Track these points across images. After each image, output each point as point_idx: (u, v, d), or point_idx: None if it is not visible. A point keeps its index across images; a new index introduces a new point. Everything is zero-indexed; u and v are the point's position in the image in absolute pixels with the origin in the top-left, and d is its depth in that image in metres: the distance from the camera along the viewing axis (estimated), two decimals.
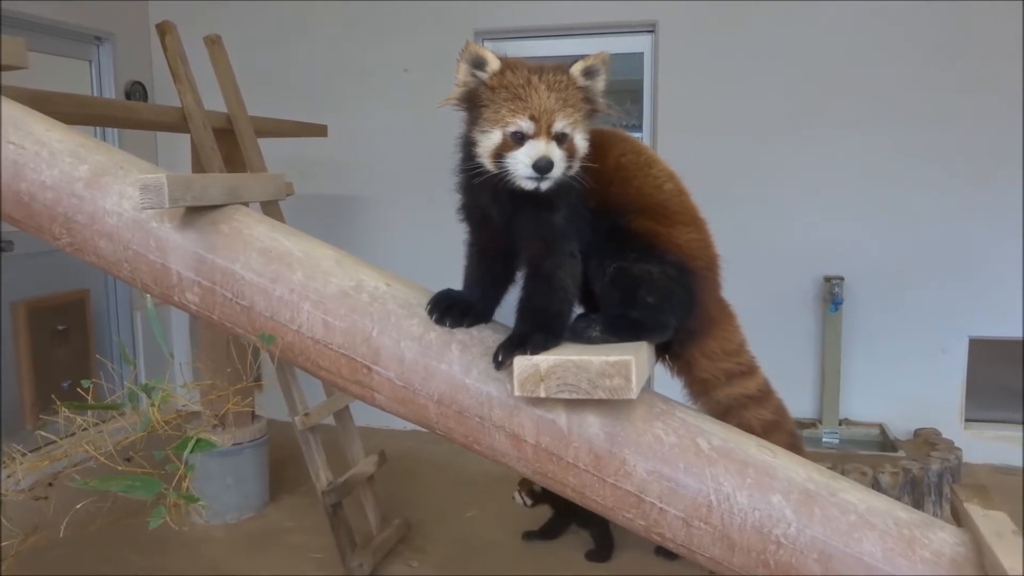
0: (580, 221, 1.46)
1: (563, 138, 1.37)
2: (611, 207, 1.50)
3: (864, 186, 4.91)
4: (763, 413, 1.62)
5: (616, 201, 1.50)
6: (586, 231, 1.47)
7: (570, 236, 1.44)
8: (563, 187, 1.40)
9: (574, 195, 1.43)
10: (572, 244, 1.44)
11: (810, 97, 4.94)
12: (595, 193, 1.47)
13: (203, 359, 3.85)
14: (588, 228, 1.47)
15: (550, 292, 1.44)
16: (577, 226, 1.45)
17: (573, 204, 1.44)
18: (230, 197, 1.70)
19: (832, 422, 4.82)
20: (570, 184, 1.41)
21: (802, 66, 4.93)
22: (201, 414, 3.54)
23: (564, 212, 1.43)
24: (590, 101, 1.43)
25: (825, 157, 4.95)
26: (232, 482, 4.12)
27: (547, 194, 1.39)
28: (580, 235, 1.46)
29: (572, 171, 1.39)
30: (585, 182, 1.43)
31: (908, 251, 4.88)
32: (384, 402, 1.55)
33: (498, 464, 1.51)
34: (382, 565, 3.63)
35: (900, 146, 4.83)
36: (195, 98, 3.73)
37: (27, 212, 1.69)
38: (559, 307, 1.45)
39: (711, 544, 1.37)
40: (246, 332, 1.59)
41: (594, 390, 1.33)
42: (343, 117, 5.19)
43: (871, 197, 4.90)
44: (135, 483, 1.36)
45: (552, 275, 1.44)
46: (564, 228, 1.44)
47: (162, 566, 3.65)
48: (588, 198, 1.46)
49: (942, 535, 1.33)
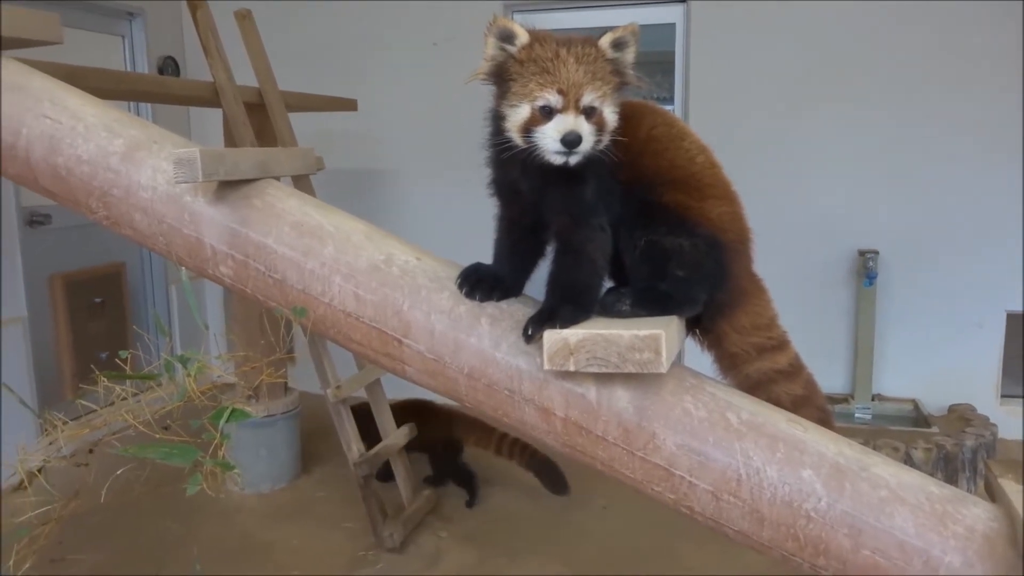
0: (609, 195, 1.45)
1: (592, 112, 1.36)
2: (642, 180, 1.48)
3: (899, 158, 4.82)
4: (793, 388, 1.61)
5: (647, 174, 1.49)
6: (615, 205, 1.46)
7: (599, 210, 1.44)
8: (592, 161, 1.39)
9: (603, 168, 1.42)
10: (601, 218, 1.44)
11: (844, 67, 4.84)
12: (626, 166, 1.45)
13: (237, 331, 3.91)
14: (618, 202, 1.46)
15: (579, 266, 1.44)
16: (606, 200, 1.44)
17: (602, 178, 1.43)
18: (262, 171, 1.72)
19: (865, 397, 4.77)
20: (599, 158, 1.40)
21: (835, 36, 4.83)
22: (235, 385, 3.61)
23: (593, 186, 1.42)
24: (619, 73, 1.41)
25: (859, 129, 4.86)
26: (265, 453, 4.19)
27: (576, 168, 1.38)
28: (609, 209, 1.45)
29: (601, 145, 1.38)
30: (615, 155, 1.41)
31: (944, 224, 4.79)
32: (414, 375, 1.56)
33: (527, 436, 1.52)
34: (412, 535, 3.69)
35: (936, 117, 4.72)
36: (226, 73, 3.75)
37: (64, 186, 1.71)
38: (588, 280, 1.45)
39: (740, 518, 1.37)
40: (279, 305, 1.61)
41: (624, 364, 1.33)
42: (373, 91, 5.19)
43: (906, 170, 4.81)
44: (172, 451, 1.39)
45: (582, 249, 1.44)
46: (593, 202, 1.43)
47: (198, 533, 3.74)
48: (618, 171, 1.45)
49: (975, 511, 1.32)
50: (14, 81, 1.76)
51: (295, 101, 4.19)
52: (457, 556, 3.56)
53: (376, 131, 5.48)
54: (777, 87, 4.95)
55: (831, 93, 4.88)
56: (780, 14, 4.88)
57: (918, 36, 4.70)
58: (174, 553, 3.53)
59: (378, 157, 5.61)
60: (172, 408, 1.48)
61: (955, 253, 4.79)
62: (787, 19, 4.88)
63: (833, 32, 4.83)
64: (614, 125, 1.40)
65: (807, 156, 4.97)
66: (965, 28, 4.62)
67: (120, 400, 1.57)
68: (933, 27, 4.67)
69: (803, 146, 4.97)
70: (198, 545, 3.61)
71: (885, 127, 4.81)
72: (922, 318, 4.89)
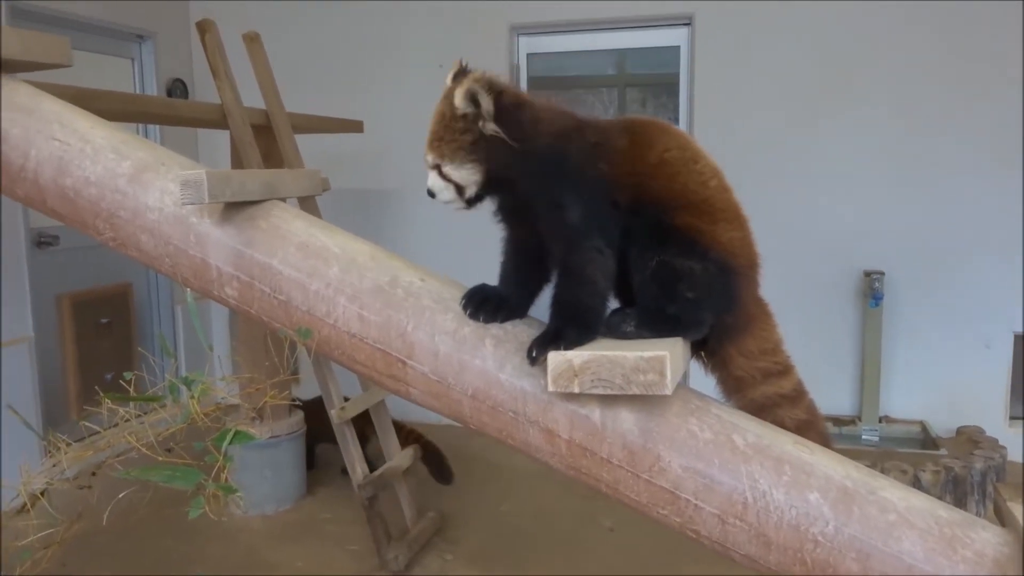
0: (602, 218, 1.44)
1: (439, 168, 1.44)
2: (654, 202, 1.48)
3: (905, 179, 4.82)
4: (797, 412, 1.60)
5: (658, 196, 1.48)
6: (611, 229, 1.45)
7: (592, 233, 1.43)
8: (573, 186, 1.41)
9: (592, 193, 1.42)
10: (595, 241, 1.43)
11: (848, 90, 4.86)
12: (633, 188, 1.46)
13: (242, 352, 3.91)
14: (614, 225, 1.45)
15: (580, 287, 1.44)
16: (599, 223, 1.44)
17: (592, 201, 1.43)
18: (268, 193, 1.72)
19: (872, 419, 4.74)
20: (582, 182, 1.41)
21: (839, 58, 4.85)
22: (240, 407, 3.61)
23: (577, 211, 1.42)
24: (471, 130, 1.41)
25: (864, 151, 4.87)
26: (270, 474, 4.18)
27: (554, 195, 1.41)
28: (604, 231, 1.44)
29: (473, 195, 1.45)
30: (612, 178, 1.43)
31: (950, 245, 4.78)
32: (418, 396, 1.56)
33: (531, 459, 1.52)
34: (417, 557, 3.66)
35: (942, 138, 4.73)
36: (234, 95, 3.78)
37: (72, 207, 1.72)
38: (590, 301, 1.45)
39: (747, 542, 1.36)
40: (284, 326, 1.61)
41: (628, 386, 1.32)
42: (378, 113, 5.22)
43: (912, 191, 4.81)
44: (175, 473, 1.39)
45: (580, 271, 1.43)
46: (582, 226, 1.42)
47: (201, 555, 3.72)
48: (621, 193, 1.45)
49: (985, 535, 1.31)
50: (24, 103, 1.78)
51: (301, 123, 4.22)
52: None
53: (382, 152, 5.51)
54: (781, 110, 4.97)
55: (835, 115, 4.89)
56: (784, 37, 4.91)
57: (921, 59, 4.72)
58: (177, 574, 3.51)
59: (384, 178, 5.64)
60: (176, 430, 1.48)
61: (962, 274, 4.77)
62: (791, 42, 4.91)
63: (837, 54, 4.85)
64: (464, 182, 1.44)
65: (812, 177, 4.97)
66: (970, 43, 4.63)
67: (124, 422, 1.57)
68: (935, 49, 4.69)
69: (808, 167, 4.97)
70: (201, 567, 3.59)
71: (890, 149, 4.82)
72: (929, 339, 4.87)
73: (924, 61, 4.72)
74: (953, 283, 4.79)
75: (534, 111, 1.44)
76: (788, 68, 4.94)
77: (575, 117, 1.49)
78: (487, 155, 1.42)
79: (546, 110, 1.47)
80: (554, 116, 1.46)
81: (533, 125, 1.42)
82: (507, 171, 1.43)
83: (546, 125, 1.44)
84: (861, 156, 4.88)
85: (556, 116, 1.46)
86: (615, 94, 5.65)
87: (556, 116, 1.46)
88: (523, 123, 1.41)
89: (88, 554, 3.50)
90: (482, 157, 1.42)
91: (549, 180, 1.42)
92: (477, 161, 1.43)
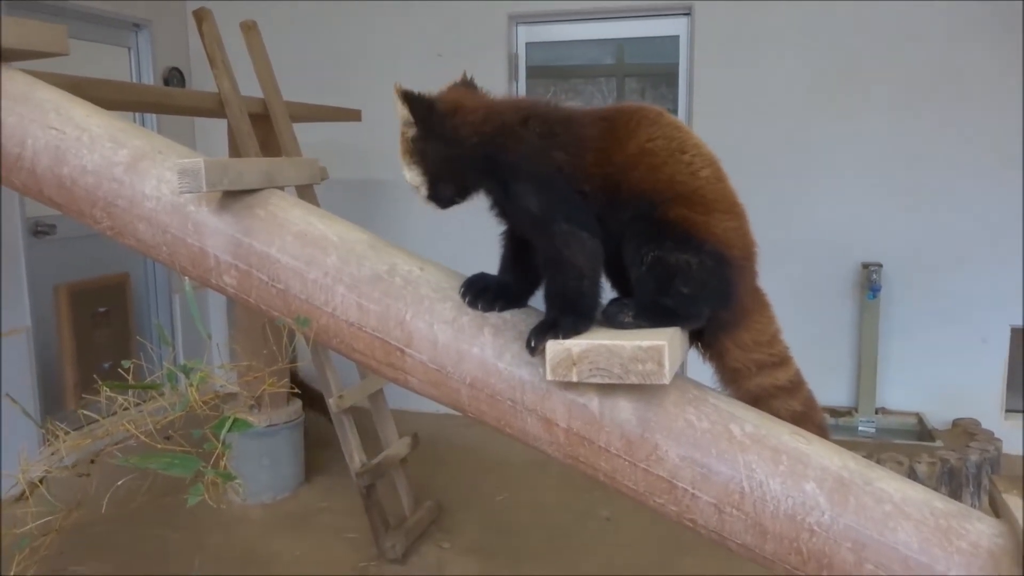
0: (568, 207, 1.44)
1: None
2: (636, 194, 1.47)
3: (904, 171, 4.82)
4: (793, 404, 1.60)
5: (640, 188, 1.47)
6: (583, 215, 1.45)
7: (556, 220, 1.43)
8: (523, 178, 1.44)
9: (544, 183, 1.44)
10: (564, 225, 1.43)
11: (848, 80, 4.85)
12: (605, 178, 1.45)
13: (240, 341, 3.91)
14: (586, 212, 1.45)
15: (562, 273, 1.44)
16: (565, 211, 1.44)
17: (548, 192, 1.44)
18: (266, 181, 1.72)
19: (868, 411, 4.76)
20: (530, 174, 1.43)
21: (840, 48, 4.85)
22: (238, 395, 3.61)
23: (534, 201, 1.44)
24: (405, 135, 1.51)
25: (863, 141, 4.87)
26: (268, 463, 4.19)
27: (507, 189, 1.46)
28: (574, 219, 1.44)
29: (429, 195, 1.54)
30: (574, 168, 1.44)
31: (949, 238, 4.79)
32: (417, 385, 1.56)
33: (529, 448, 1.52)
34: (414, 546, 3.67)
35: (940, 130, 4.73)
36: (231, 84, 3.76)
37: (69, 196, 1.72)
38: (576, 285, 1.44)
39: (743, 531, 1.37)
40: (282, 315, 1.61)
41: (626, 375, 1.33)
42: (377, 102, 5.18)
43: (911, 182, 4.82)
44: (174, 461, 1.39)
45: (558, 256, 1.44)
46: (545, 214, 1.44)
47: (200, 543, 3.73)
48: (587, 183, 1.45)
49: (980, 526, 1.31)
50: (20, 92, 1.77)
51: (299, 111, 4.21)
52: (459, 567, 3.54)
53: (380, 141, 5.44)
54: (781, 100, 4.97)
55: (835, 105, 4.89)
56: (784, 27, 4.90)
57: (921, 48, 4.71)
58: (176, 563, 3.52)
59: (382, 167, 5.63)
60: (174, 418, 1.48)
61: (960, 267, 4.78)
62: (791, 33, 4.90)
63: (837, 45, 4.84)
64: (413, 182, 1.54)
65: (811, 168, 4.97)
66: (970, 40, 4.63)
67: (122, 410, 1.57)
68: (936, 40, 4.68)
69: (807, 158, 4.97)
70: (200, 555, 3.60)
71: (889, 139, 4.82)
72: (926, 331, 4.88)
73: (926, 55, 4.71)
74: (951, 276, 4.80)
75: (465, 114, 1.48)
76: (788, 59, 4.93)
77: (527, 112, 1.49)
78: (422, 157, 1.50)
79: (483, 110, 1.48)
80: (491, 115, 1.48)
81: (459, 128, 1.47)
82: (447, 171, 1.50)
83: (477, 126, 1.46)
84: (861, 149, 4.87)
85: (494, 115, 1.48)
86: (614, 84, 5.64)
87: (494, 115, 1.48)
88: (453, 127, 1.47)
89: (87, 542, 3.51)
90: (419, 160, 1.51)
91: (490, 176, 1.48)
92: (416, 163, 1.51)
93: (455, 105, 1.50)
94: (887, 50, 4.76)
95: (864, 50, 4.80)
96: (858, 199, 4.90)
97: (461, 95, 1.53)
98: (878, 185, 4.87)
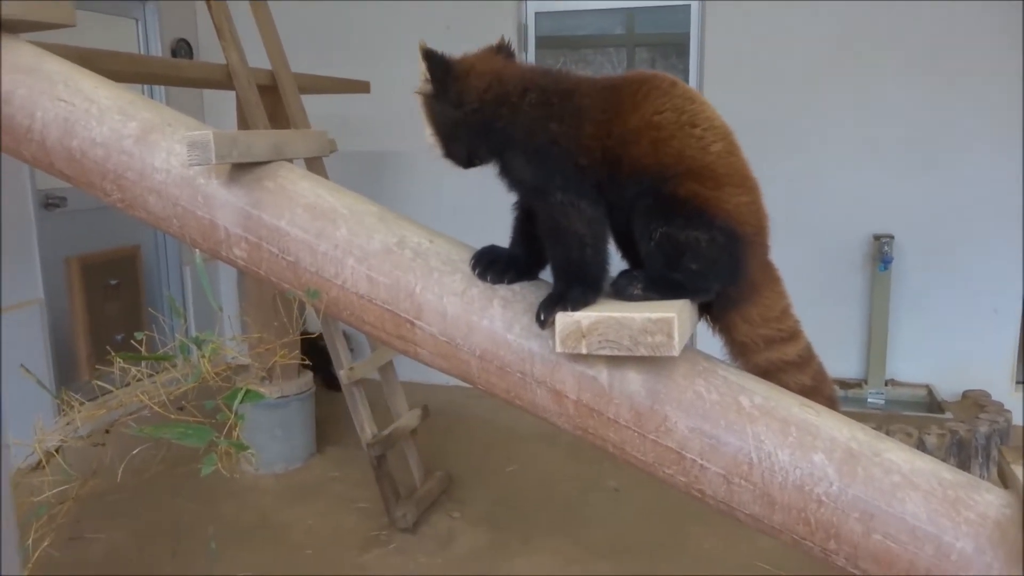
0: (565, 178, 1.43)
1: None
2: (640, 168, 1.44)
3: (916, 141, 4.77)
4: (802, 378, 1.59)
5: (644, 162, 1.44)
6: (582, 186, 1.43)
7: (553, 189, 1.43)
8: (518, 147, 1.44)
9: (539, 154, 1.43)
10: (560, 195, 1.42)
11: (861, 48, 4.79)
12: (605, 151, 1.43)
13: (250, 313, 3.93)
14: (586, 183, 1.44)
15: (563, 241, 1.43)
16: (562, 181, 1.43)
17: (542, 162, 1.44)
18: (275, 154, 1.72)
19: (878, 383, 4.76)
20: (523, 144, 1.44)
21: (853, 18, 4.77)
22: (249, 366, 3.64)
23: (528, 171, 1.44)
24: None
25: (877, 111, 4.81)
26: (280, 434, 4.23)
27: (503, 156, 1.48)
28: (572, 190, 1.43)
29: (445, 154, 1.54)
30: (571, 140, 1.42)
31: (961, 209, 4.75)
32: (427, 357, 1.57)
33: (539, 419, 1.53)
34: (425, 516, 3.72)
35: (954, 99, 4.67)
36: (240, 55, 3.75)
37: (79, 169, 1.72)
38: (580, 255, 1.43)
39: (751, 502, 1.37)
40: (292, 287, 1.62)
41: (636, 347, 1.33)
42: (385, 73, 5.16)
43: (924, 153, 4.77)
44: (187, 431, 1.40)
45: (557, 224, 1.43)
46: (541, 183, 1.44)
47: (213, 512, 3.78)
48: (585, 155, 1.43)
49: (988, 497, 1.32)
50: (28, 64, 1.77)
51: (308, 83, 4.19)
52: (470, 537, 3.58)
53: (389, 113, 5.45)
54: (793, 69, 4.91)
55: (847, 75, 4.83)
56: None
57: (936, 17, 4.64)
58: (190, 531, 3.57)
59: (391, 139, 5.61)
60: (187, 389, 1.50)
61: (972, 238, 4.75)
62: (804, 3, 4.82)
63: (850, 15, 4.77)
64: (428, 140, 1.53)
65: (823, 140, 4.93)
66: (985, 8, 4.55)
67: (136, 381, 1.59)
68: (951, 7, 4.61)
69: (819, 129, 4.93)
70: (214, 524, 3.65)
71: (902, 109, 4.77)
72: (937, 303, 4.86)
73: (940, 24, 4.64)
74: (963, 247, 4.77)
75: (472, 79, 1.47)
76: (801, 29, 4.86)
77: (529, 82, 1.47)
78: (434, 117, 1.51)
79: (490, 77, 1.47)
80: (495, 83, 1.46)
81: (465, 92, 1.47)
82: (452, 134, 1.50)
83: (480, 92, 1.46)
84: (874, 119, 4.82)
85: (498, 83, 1.46)
86: (624, 54, 5.59)
87: (498, 83, 1.46)
88: (459, 90, 1.47)
89: (102, 511, 3.56)
90: (430, 120, 1.51)
91: (487, 143, 1.48)
92: (429, 124, 1.52)
93: (468, 69, 1.49)
94: (901, 19, 4.69)
95: (878, 19, 4.73)
96: (871, 171, 4.86)
97: (479, 60, 1.52)
98: (891, 156, 4.82)
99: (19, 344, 4.31)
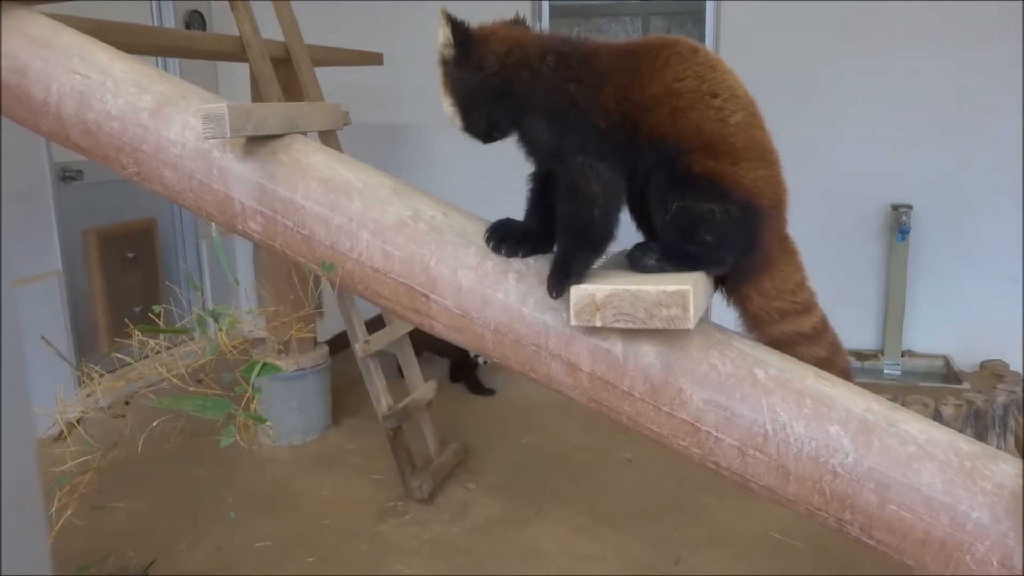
0: (584, 139, 1.42)
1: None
2: (657, 137, 1.43)
3: (935, 110, 4.70)
4: (816, 351, 1.59)
5: (663, 132, 1.42)
6: (602, 147, 1.42)
7: (571, 149, 1.42)
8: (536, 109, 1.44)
9: (557, 115, 1.43)
10: (580, 158, 1.42)
11: (879, 15, 4.70)
12: (623, 115, 1.42)
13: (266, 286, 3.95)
14: (606, 146, 1.43)
15: (576, 200, 1.42)
16: (580, 143, 1.42)
17: (560, 124, 1.43)
18: (289, 127, 1.72)
19: (895, 354, 4.73)
20: (543, 107, 1.43)
21: None
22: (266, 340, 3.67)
23: (547, 133, 1.44)
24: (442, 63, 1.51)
25: (894, 79, 4.74)
26: (296, 406, 4.26)
27: (520, 120, 1.48)
28: (590, 151, 1.42)
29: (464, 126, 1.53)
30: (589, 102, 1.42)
31: (979, 178, 4.68)
32: (442, 330, 1.57)
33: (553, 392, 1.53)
34: (440, 487, 3.75)
35: (972, 66, 4.59)
36: (253, 27, 3.73)
37: (94, 142, 1.73)
38: (589, 215, 1.42)
39: (766, 473, 1.38)
40: (307, 260, 1.63)
41: (651, 320, 1.33)
42: (399, 45, 5.12)
43: (942, 122, 4.69)
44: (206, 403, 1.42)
45: (573, 185, 1.42)
46: (560, 146, 1.44)
47: (231, 483, 3.83)
48: (603, 117, 1.42)
49: (1004, 467, 1.32)
50: (43, 36, 1.77)
51: (321, 55, 4.17)
52: (485, 507, 3.62)
53: (403, 85, 5.43)
54: (810, 40, 4.83)
55: (865, 41, 4.75)
56: None
57: None
58: (209, 501, 3.63)
59: (405, 111, 5.58)
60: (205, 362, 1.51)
61: (991, 207, 4.68)
62: None
63: None
64: (447, 112, 1.53)
65: (841, 108, 4.86)
66: None
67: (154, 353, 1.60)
68: None
69: (837, 98, 4.86)
70: (232, 494, 3.70)
71: (921, 77, 4.69)
72: (955, 273, 4.81)
73: None
74: (982, 216, 4.71)
75: (493, 43, 1.47)
76: None
77: (548, 47, 1.47)
78: (453, 85, 1.50)
79: (510, 42, 1.47)
80: (515, 47, 1.47)
81: (485, 56, 1.46)
82: (473, 101, 1.49)
83: (500, 56, 1.46)
84: (893, 89, 4.75)
85: (518, 47, 1.47)
86: (639, 23, 5.52)
87: (518, 47, 1.47)
88: (480, 55, 1.47)
89: (123, 480, 3.62)
90: (451, 89, 1.50)
91: (507, 107, 1.47)
92: (450, 93, 1.51)
93: (488, 34, 1.50)
94: None
95: None
96: (889, 141, 4.79)
97: (498, 27, 1.52)
98: (909, 124, 4.75)
99: (38, 316, 4.35)
